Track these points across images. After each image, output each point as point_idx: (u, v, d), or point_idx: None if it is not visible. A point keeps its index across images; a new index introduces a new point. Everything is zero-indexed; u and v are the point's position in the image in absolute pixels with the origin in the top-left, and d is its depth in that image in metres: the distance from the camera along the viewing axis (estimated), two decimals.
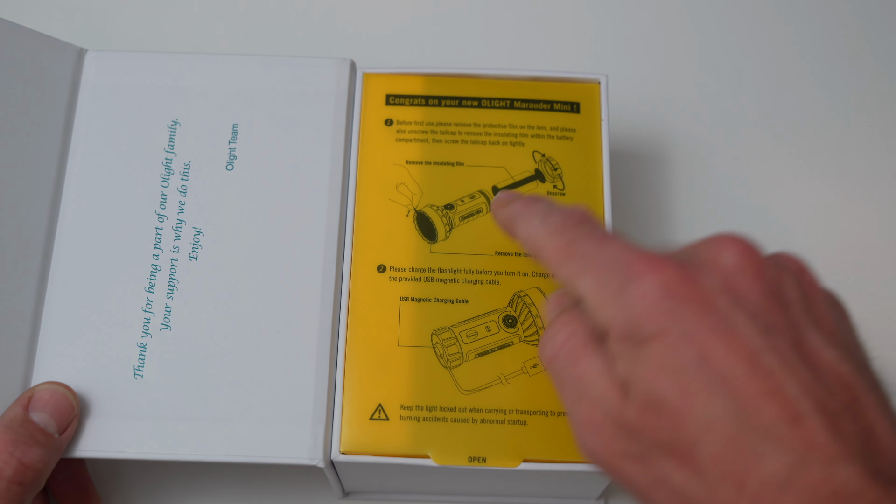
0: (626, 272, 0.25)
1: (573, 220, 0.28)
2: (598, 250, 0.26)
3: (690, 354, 0.23)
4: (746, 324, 0.24)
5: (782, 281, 0.25)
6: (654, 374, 0.24)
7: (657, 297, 0.24)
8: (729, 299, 0.24)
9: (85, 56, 0.38)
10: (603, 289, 0.25)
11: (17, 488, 0.31)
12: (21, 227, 0.35)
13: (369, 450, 0.32)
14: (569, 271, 0.27)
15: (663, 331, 0.24)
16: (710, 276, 0.25)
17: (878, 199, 0.44)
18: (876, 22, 0.48)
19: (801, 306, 0.25)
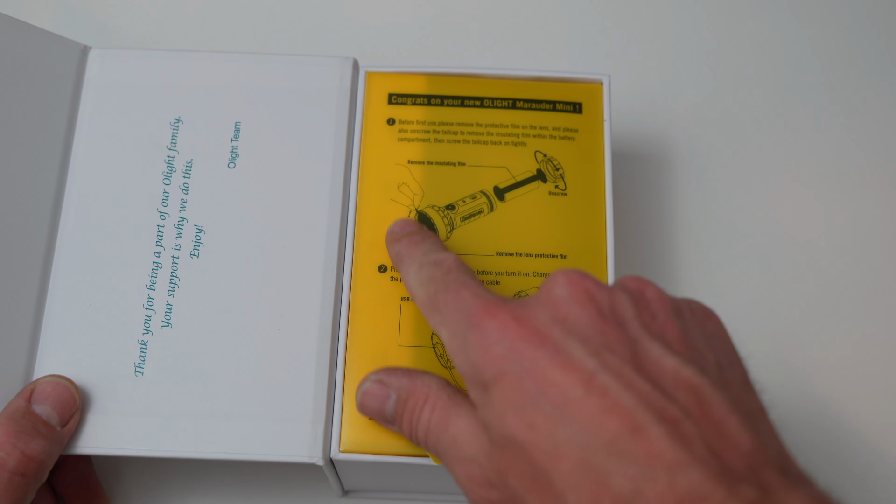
0: (467, 321, 0.27)
1: (441, 270, 0.30)
2: (453, 302, 0.28)
3: (529, 388, 0.24)
4: (579, 348, 0.25)
5: (616, 301, 0.26)
6: (501, 416, 0.25)
7: (493, 341, 0.26)
8: (561, 329, 0.25)
9: (88, 53, 0.38)
10: (453, 340, 0.27)
11: (21, 479, 0.31)
12: (24, 223, 0.35)
13: (369, 449, 0.33)
14: (432, 322, 0.29)
15: (502, 372, 0.25)
16: (542, 311, 0.26)
17: (879, 199, 0.44)
18: (876, 22, 0.47)
19: (638, 322, 0.26)
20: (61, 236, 0.36)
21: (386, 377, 0.31)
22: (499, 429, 0.25)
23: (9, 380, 0.33)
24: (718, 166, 0.44)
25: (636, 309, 0.26)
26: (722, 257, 0.43)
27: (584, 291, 0.26)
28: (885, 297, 0.42)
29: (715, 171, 0.44)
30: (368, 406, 0.31)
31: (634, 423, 0.23)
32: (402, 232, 0.34)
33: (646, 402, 0.23)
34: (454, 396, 0.28)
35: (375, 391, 0.31)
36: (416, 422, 0.29)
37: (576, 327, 0.25)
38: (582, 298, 0.26)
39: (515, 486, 0.25)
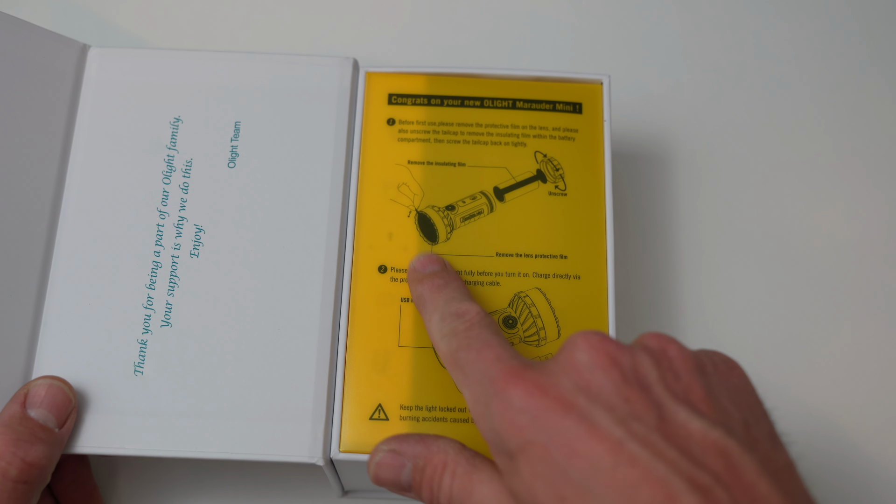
0: (490, 387, 0.26)
1: (463, 324, 0.30)
2: (475, 362, 0.28)
3: (557, 459, 0.24)
4: (605, 416, 0.24)
5: (639, 364, 0.26)
6: (530, 487, 0.25)
7: (517, 410, 0.25)
8: (585, 397, 0.25)
9: (88, 52, 0.38)
10: (476, 405, 0.27)
11: (24, 487, 0.31)
12: (23, 222, 0.35)
13: (369, 449, 0.33)
14: (455, 379, 0.29)
15: (528, 442, 0.25)
16: (565, 378, 0.26)
17: (880, 199, 0.44)
18: (876, 22, 0.47)
19: (662, 385, 0.25)
20: (60, 235, 0.35)
21: (398, 446, 0.30)
22: (528, 498, 0.25)
23: (7, 379, 0.33)
24: (718, 166, 0.44)
25: (659, 371, 0.26)
26: (722, 257, 0.43)
27: (606, 356, 0.26)
28: (885, 297, 0.42)
29: (715, 172, 0.44)
30: (383, 477, 0.30)
31: (667, 492, 0.23)
32: (423, 271, 0.34)
33: (676, 470, 0.23)
34: (473, 460, 0.28)
35: (389, 461, 0.30)
36: (438, 490, 0.29)
37: (600, 395, 0.25)
38: (604, 364, 0.26)
39: None
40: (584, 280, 0.35)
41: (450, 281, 0.33)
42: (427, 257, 0.34)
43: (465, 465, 0.29)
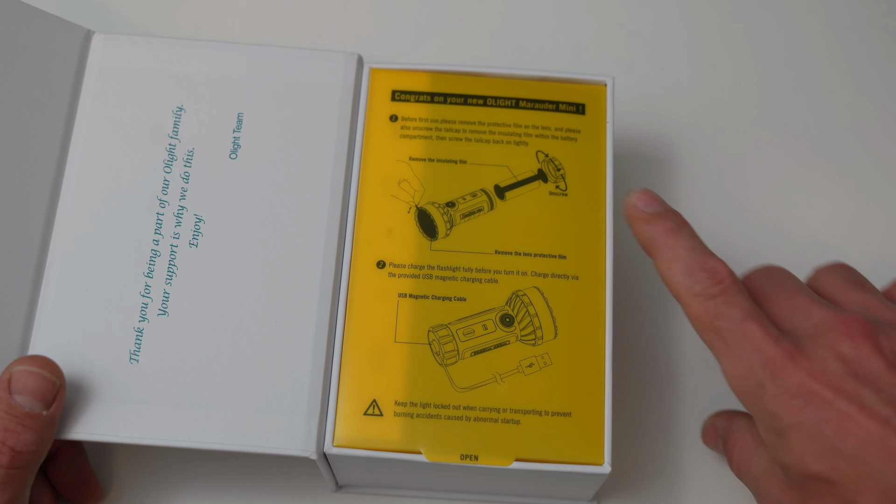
0: (764, 369, 0.29)
1: (716, 286, 0.31)
2: (742, 336, 0.30)
3: (828, 435, 0.28)
4: (874, 399, 0.28)
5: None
6: (801, 459, 0.29)
7: (792, 394, 0.29)
8: (854, 381, 0.28)
9: (92, 38, 0.38)
10: (743, 381, 0.30)
11: (16, 472, 0.31)
12: (21, 207, 0.35)
13: (362, 444, 0.33)
14: (709, 341, 0.31)
15: (799, 422, 0.28)
16: (834, 365, 0.29)
17: (880, 199, 0.44)
18: (876, 22, 0.48)
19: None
20: (59, 221, 0.35)
21: (715, 420, 0.36)
22: (799, 469, 0.29)
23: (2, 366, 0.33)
24: (719, 167, 0.44)
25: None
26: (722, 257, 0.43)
27: (871, 345, 0.29)
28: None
29: (715, 172, 0.44)
30: (708, 444, 0.37)
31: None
32: (647, 209, 0.33)
33: None
34: (757, 439, 0.32)
35: (710, 433, 0.36)
36: (731, 459, 0.34)
37: (868, 379, 0.28)
38: (870, 352, 0.29)
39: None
40: (582, 280, 0.35)
41: (682, 224, 0.33)
42: (647, 194, 0.34)
43: (750, 441, 0.33)
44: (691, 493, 0.38)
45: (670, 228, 0.32)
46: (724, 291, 0.31)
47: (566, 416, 0.33)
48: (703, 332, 0.31)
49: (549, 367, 0.34)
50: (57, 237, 0.35)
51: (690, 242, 0.32)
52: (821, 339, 0.29)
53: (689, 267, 0.31)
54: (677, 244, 0.32)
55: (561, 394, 0.33)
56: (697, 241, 0.32)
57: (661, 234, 0.32)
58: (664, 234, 0.32)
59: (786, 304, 0.31)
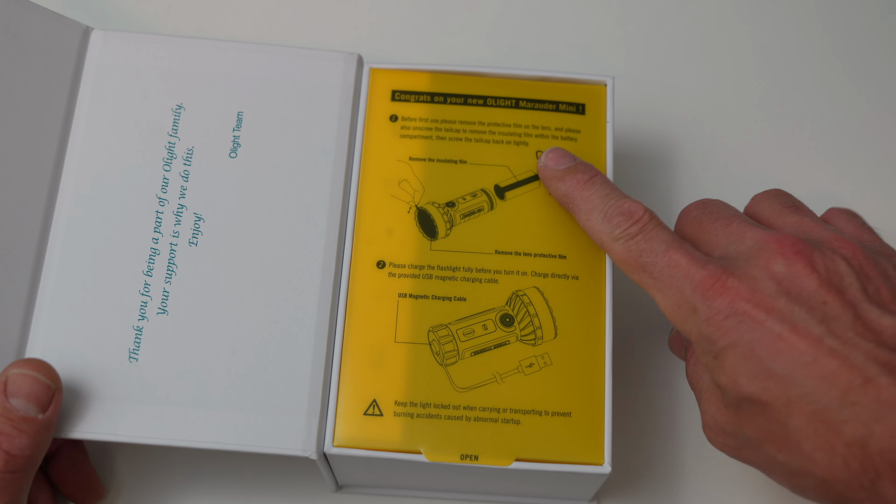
0: (694, 294, 0.29)
1: (634, 225, 0.31)
2: (666, 267, 0.30)
3: (761, 355, 0.27)
4: (806, 317, 0.27)
5: (834, 269, 0.28)
6: (735, 380, 0.28)
7: (723, 315, 0.28)
8: (786, 300, 0.28)
9: (91, 34, 0.38)
10: (677, 309, 0.30)
11: (12, 476, 0.31)
12: (19, 204, 0.35)
13: (362, 444, 0.33)
14: (639, 281, 0.31)
15: (733, 343, 0.28)
16: (766, 284, 0.28)
17: (880, 199, 0.44)
18: (876, 22, 0.48)
19: (856, 287, 0.28)
20: (57, 219, 0.35)
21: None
22: (733, 391, 0.28)
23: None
24: (719, 167, 0.45)
25: (852, 275, 0.28)
26: None
27: (805, 262, 0.28)
28: None
29: (716, 172, 0.44)
30: (673, 350, 0.36)
31: (863, 376, 0.26)
32: (558, 167, 0.34)
33: (872, 357, 0.26)
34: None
35: (675, 339, 0.36)
36: (687, 368, 0.33)
37: (800, 297, 0.28)
38: (805, 270, 0.28)
39: (751, 436, 0.29)
40: (582, 280, 0.35)
41: (593, 174, 0.33)
42: (556, 152, 0.35)
43: (692, 366, 0.32)
44: (691, 493, 0.38)
45: (582, 181, 0.33)
46: (642, 229, 0.31)
47: (566, 416, 0.33)
48: (632, 274, 0.31)
49: (549, 367, 0.34)
50: (55, 235, 0.35)
51: (603, 190, 0.33)
52: (754, 260, 0.29)
53: (606, 213, 0.32)
54: (591, 194, 0.33)
55: (561, 394, 0.33)
56: (610, 188, 0.33)
57: (575, 188, 0.33)
58: (577, 187, 0.33)
59: (722, 232, 0.31)
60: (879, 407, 0.26)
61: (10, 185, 0.35)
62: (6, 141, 0.35)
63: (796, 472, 0.28)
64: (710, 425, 0.31)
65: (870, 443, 0.26)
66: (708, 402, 0.30)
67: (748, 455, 0.30)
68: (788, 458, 0.28)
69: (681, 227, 0.33)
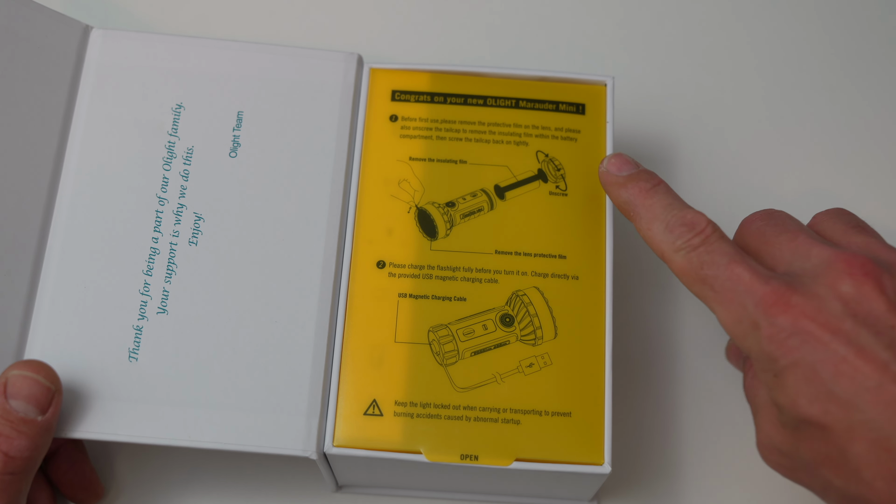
0: (757, 310, 0.28)
1: (697, 237, 0.30)
2: (729, 281, 0.29)
3: (824, 377, 0.27)
4: (873, 341, 0.27)
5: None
6: (794, 401, 0.27)
7: (787, 334, 0.27)
8: (853, 322, 0.27)
9: (90, 33, 0.38)
10: (737, 325, 0.29)
11: (10, 478, 0.31)
12: (18, 204, 0.35)
13: (362, 444, 0.33)
14: (699, 293, 0.30)
15: (794, 362, 0.27)
16: (833, 304, 0.27)
17: (880, 199, 0.44)
18: (876, 22, 0.48)
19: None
20: (56, 218, 0.35)
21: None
22: (791, 411, 0.27)
23: None
24: (720, 167, 0.45)
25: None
26: None
27: (874, 285, 0.27)
28: None
29: (716, 172, 0.44)
30: (731, 360, 0.35)
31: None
32: (620, 173, 0.33)
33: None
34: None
35: (733, 349, 0.35)
36: (745, 381, 0.32)
37: (867, 320, 0.27)
38: (872, 293, 0.27)
39: (807, 458, 0.28)
40: (582, 280, 0.35)
41: (656, 183, 0.33)
42: (619, 158, 0.34)
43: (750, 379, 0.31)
44: (691, 493, 0.38)
45: (645, 189, 0.32)
46: (705, 241, 0.30)
47: (566, 416, 0.33)
48: (692, 286, 0.30)
49: (549, 367, 0.34)
50: (55, 234, 0.35)
51: (666, 199, 0.32)
52: (820, 278, 0.28)
53: (668, 224, 0.31)
54: (654, 203, 0.32)
55: (561, 394, 0.33)
56: (673, 198, 0.32)
57: (637, 196, 0.32)
58: (639, 195, 0.32)
59: (787, 246, 0.30)
60: None
61: (9, 185, 0.35)
62: (5, 140, 0.35)
63: (853, 498, 0.27)
64: (764, 443, 0.30)
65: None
66: (764, 420, 0.29)
67: (802, 477, 0.29)
68: (846, 484, 0.27)
69: (742, 238, 0.32)
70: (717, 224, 0.31)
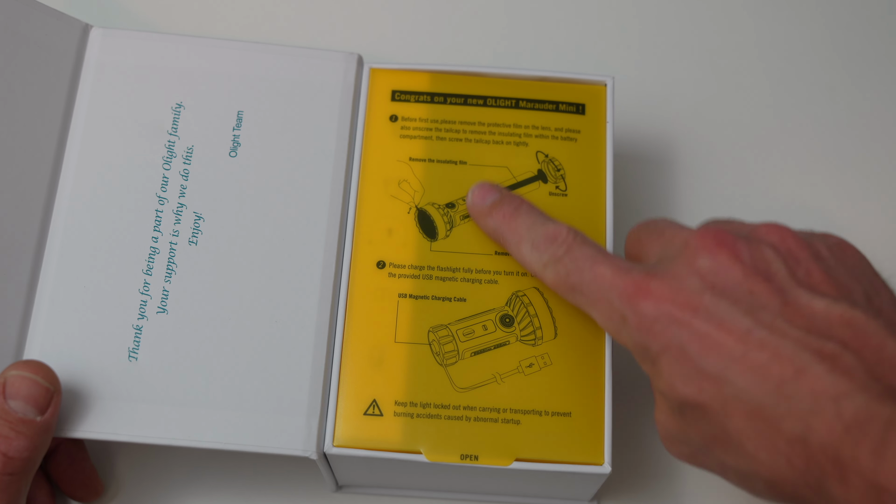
0: (621, 303, 0.28)
1: (560, 248, 0.31)
2: (593, 283, 0.29)
3: (692, 356, 0.26)
4: (731, 310, 0.26)
5: (760, 256, 0.27)
6: (671, 385, 0.27)
7: (651, 320, 0.27)
8: (710, 295, 0.27)
9: (90, 32, 0.38)
10: (609, 322, 0.29)
11: (9, 478, 0.31)
12: (18, 204, 0.35)
13: (362, 444, 0.33)
14: (574, 302, 0.31)
15: (664, 346, 0.27)
16: (691, 280, 0.27)
17: (881, 199, 0.44)
18: (876, 22, 0.48)
19: (784, 272, 0.27)
20: (56, 217, 0.35)
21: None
22: (672, 396, 0.27)
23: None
24: (719, 167, 0.45)
25: (779, 260, 0.27)
26: None
27: (728, 255, 0.27)
28: None
29: (716, 173, 0.44)
30: None
31: (795, 367, 0.25)
32: (484, 203, 0.34)
33: (803, 345, 0.25)
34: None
35: None
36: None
37: (725, 290, 0.27)
38: (728, 262, 0.27)
39: (698, 441, 0.28)
40: None
41: (518, 205, 0.33)
42: (482, 188, 0.34)
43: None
44: (691, 493, 0.38)
45: (508, 213, 0.33)
46: (568, 250, 0.30)
47: (566, 416, 0.33)
48: (567, 296, 0.31)
49: (549, 367, 0.34)
50: (54, 234, 0.35)
51: (529, 219, 0.32)
52: (679, 258, 0.28)
53: (534, 242, 0.31)
54: (518, 225, 0.32)
55: (561, 394, 0.33)
56: (536, 216, 0.32)
57: (502, 222, 0.33)
58: (504, 221, 0.33)
59: (657, 242, 0.30)
60: (815, 399, 0.24)
61: (8, 184, 0.35)
62: (5, 139, 0.35)
63: (746, 474, 0.27)
64: (663, 435, 0.30)
65: (810, 439, 0.24)
66: (658, 411, 0.29)
67: (703, 461, 0.29)
68: (735, 460, 0.27)
69: (626, 250, 0.32)
70: (578, 231, 0.31)
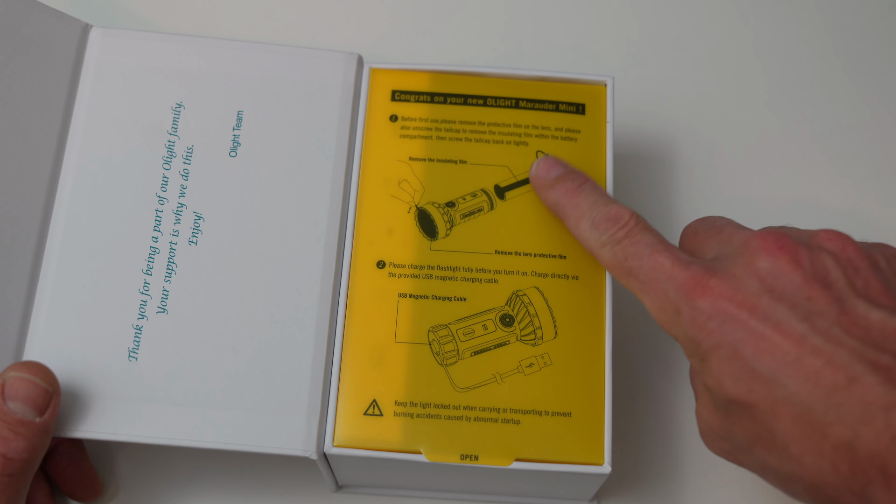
0: (678, 295, 0.29)
1: (621, 230, 0.31)
2: (652, 270, 0.30)
3: (745, 356, 0.27)
4: (788, 315, 0.27)
5: (819, 264, 0.28)
6: (720, 383, 0.28)
7: (707, 316, 0.28)
8: (769, 298, 0.27)
9: (90, 32, 0.38)
10: (662, 312, 0.29)
11: (8, 479, 0.31)
12: (17, 204, 0.35)
13: (362, 444, 0.33)
14: (627, 285, 0.31)
15: (717, 344, 0.27)
16: (750, 282, 0.28)
17: (880, 199, 0.44)
18: (876, 22, 0.48)
19: (843, 281, 0.27)
20: (56, 217, 0.35)
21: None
22: (719, 393, 0.28)
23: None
24: (719, 167, 0.45)
25: (839, 269, 0.27)
26: None
27: (788, 259, 0.28)
28: None
29: (716, 172, 0.44)
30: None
31: (848, 375, 0.25)
32: (549, 176, 0.34)
33: (857, 355, 0.25)
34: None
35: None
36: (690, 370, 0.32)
37: (783, 294, 0.27)
38: (788, 266, 0.27)
39: (741, 439, 0.28)
40: (582, 280, 0.35)
41: (583, 182, 0.33)
42: (547, 161, 0.35)
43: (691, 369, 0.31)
44: (691, 493, 0.38)
45: (571, 189, 0.33)
46: (629, 234, 0.31)
47: (566, 416, 0.33)
48: (621, 278, 0.31)
49: (549, 367, 0.34)
50: (54, 233, 0.35)
51: (591, 197, 0.33)
52: (739, 258, 0.28)
53: (594, 220, 0.32)
54: (580, 202, 0.33)
55: (561, 394, 0.33)
56: (599, 194, 0.33)
57: (564, 196, 0.33)
58: (566, 195, 0.33)
59: (714, 238, 0.31)
60: (865, 408, 0.25)
61: (8, 184, 0.35)
62: (5, 139, 0.35)
63: (787, 476, 0.27)
64: (703, 430, 0.30)
65: (857, 446, 0.25)
66: (701, 406, 0.30)
67: (743, 459, 0.29)
68: (778, 462, 0.27)
69: (682, 243, 0.33)
70: (641, 216, 0.31)
